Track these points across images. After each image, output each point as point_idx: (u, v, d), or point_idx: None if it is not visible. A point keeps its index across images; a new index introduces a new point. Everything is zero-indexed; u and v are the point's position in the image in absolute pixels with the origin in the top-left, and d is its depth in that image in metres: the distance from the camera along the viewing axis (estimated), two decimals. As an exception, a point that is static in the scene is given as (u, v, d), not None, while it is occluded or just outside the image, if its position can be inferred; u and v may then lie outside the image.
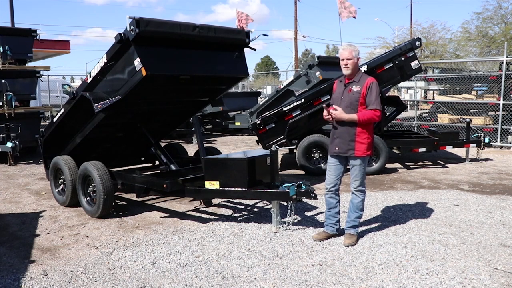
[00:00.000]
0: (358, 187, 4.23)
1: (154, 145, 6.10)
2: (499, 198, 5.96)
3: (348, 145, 4.14)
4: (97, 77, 5.04)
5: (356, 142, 4.11)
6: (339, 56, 4.20)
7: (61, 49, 17.75)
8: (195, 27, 4.73)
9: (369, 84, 4.09)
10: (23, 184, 7.28)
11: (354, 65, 4.11)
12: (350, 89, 4.13)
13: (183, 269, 3.76)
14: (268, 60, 70.74)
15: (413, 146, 8.20)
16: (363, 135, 4.11)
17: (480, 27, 24.35)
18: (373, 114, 4.07)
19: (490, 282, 3.41)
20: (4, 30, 9.98)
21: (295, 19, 33.69)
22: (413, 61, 7.55)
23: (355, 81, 4.14)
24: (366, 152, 4.15)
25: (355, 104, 4.09)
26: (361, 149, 4.12)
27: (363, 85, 4.08)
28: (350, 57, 4.09)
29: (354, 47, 4.16)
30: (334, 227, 4.37)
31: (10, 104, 9.07)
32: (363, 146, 4.12)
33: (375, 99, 4.06)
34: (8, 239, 4.59)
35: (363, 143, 4.12)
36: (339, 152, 4.20)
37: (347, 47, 4.16)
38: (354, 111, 4.09)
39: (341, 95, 4.18)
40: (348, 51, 4.11)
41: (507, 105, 10.61)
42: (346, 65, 4.12)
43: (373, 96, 4.06)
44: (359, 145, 4.11)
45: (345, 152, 4.17)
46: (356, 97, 4.09)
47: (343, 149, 4.17)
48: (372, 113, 4.07)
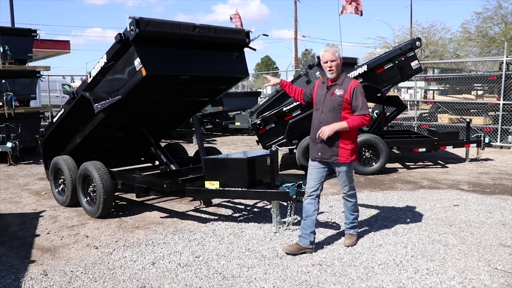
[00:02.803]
0: (348, 192, 4.13)
1: (154, 145, 6.10)
2: (499, 198, 5.96)
3: (331, 151, 3.94)
4: (97, 77, 5.04)
5: (339, 148, 3.93)
6: (321, 58, 3.98)
7: (61, 49, 17.75)
8: (195, 27, 4.73)
9: (353, 88, 3.88)
10: (23, 184, 7.28)
11: (338, 67, 3.93)
12: (333, 93, 3.93)
13: (183, 269, 3.76)
14: (268, 60, 70.77)
15: (413, 146, 8.20)
16: (347, 140, 3.94)
17: (480, 27, 24.38)
18: (362, 120, 3.89)
19: (490, 282, 3.41)
20: (4, 30, 9.98)
21: (295, 19, 33.70)
22: (413, 61, 7.56)
23: (338, 84, 3.94)
24: (350, 158, 3.96)
25: (338, 108, 3.90)
26: (344, 155, 3.94)
27: (347, 89, 3.88)
28: (334, 59, 3.89)
29: (336, 47, 3.96)
30: (308, 239, 3.99)
31: (10, 104, 9.07)
32: (347, 151, 3.95)
33: (362, 103, 3.87)
34: (8, 239, 4.59)
35: (347, 149, 3.94)
36: (322, 158, 4.00)
37: (329, 48, 3.94)
38: (337, 115, 3.89)
39: (324, 98, 3.98)
40: (331, 53, 3.90)
41: (507, 105, 10.60)
42: (331, 67, 3.91)
43: (359, 100, 3.87)
44: (342, 151, 3.93)
45: (329, 158, 3.97)
46: (338, 101, 3.89)
47: (326, 155, 3.97)
48: (361, 118, 3.88)
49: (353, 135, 4.01)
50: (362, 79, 7.47)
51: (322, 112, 3.98)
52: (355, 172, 7.69)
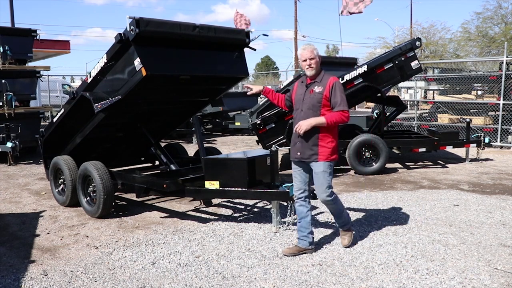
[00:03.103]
0: (327, 197, 3.89)
1: (154, 145, 6.10)
2: (499, 198, 5.96)
3: (310, 150, 3.84)
4: (97, 77, 5.04)
5: (319, 147, 3.82)
6: (299, 57, 3.94)
7: (61, 49, 17.75)
8: (195, 27, 4.73)
9: (332, 84, 3.82)
10: (23, 184, 7.28)
11: (317, 65, 3.88)
12: (312, 90, 3.87)
13: (183, 269, 3.76)
14: (268, 60, 70.75)
15: (413, 146, 8.20)
16: (327, 138, 3.83)
17: (480, 27, 24.40)
18: (341, 116, 3.79)
19: (490, 282, 3.41)
20: (4, 30, 9.98)
21: (295, 19, 33.70)
22: (413, 61, 7.56)
23: (317, 82, 3.89)
24: (330, 157, 3.84)
25: (317, 106, 3.82)
26: (324, 154, 3.82)
27: (325, 86, 3.82)
28: (313, 57, 3.85)
29: (313, 46, 3.92)
30: (306, 240, 3.98)
31: (10, 104, 9.07)
32: (327, 150, 3.83)
33: (341, 99, 3.80)
34: (8, 239, 4.59)
35: (327, 147, 3.83)
36: (301, 158, 3.90)
37: (307, 46, 3.91)
38: (317, 113, 3.81)
39: (303, 97, 3.91)
40: (309, 51, 3.86)
41: (507, 105, 10.60)
42: (310, 65, 3.85)
43: (338, 96, 3.80)
44: (322, 149, 3.82)
45: (308, 158, 3.86)
46: (318, 98, 3.83)
47: (305, 155, 3.87)
48: (339, 114, 3.79)
49: (334, 133, 3.90)
50: (362, 79, 7.47)
51: (301, 110, 3.91)
52: (355, 172, 7.70)
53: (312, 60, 3.85)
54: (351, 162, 7.60)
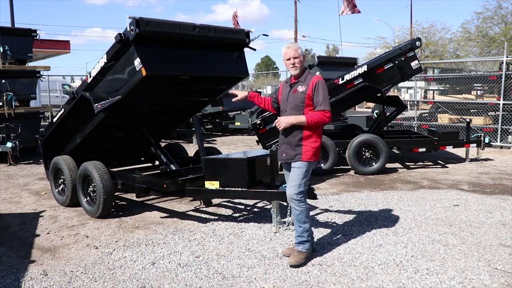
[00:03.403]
0: (294, 195, 3.76)
1: (154, 145, 6.10)
2: (499, 198, 5.96)
3: (294, 150, 3.78)
4: (97, 77, 5.04)
5: (303, 146, 3.76)
6: (283, 56, 3.87)
7: (61, 49, 17.75)
8: (195, 27, 4.73)
9: (315, 83, 3.74)
10: (23, 184, 7.28)
11: (301, 64, 3.81)
12: (296, 90, 3.81)
13: (183, 269, 3.76)
14: (268, 60, 70.77)
15: (413, 146, 8.20)
16: (311, 138, 3.76)
17: (480, 27, 24.41)
18: (322, 116, 3.71)
19: (490, 282, 3.41)
20: (4, 30, 9.97)
21: (295, 19, 33.70)
22: (413, 61, 7.56)
23: (301, 81, 3.82)
24: (312, 158, 3.76)
25: (300, 105, 3.76)
26: (308, 154, 3.75)
27: (309, 85, 3.75)
28: (297, 55, 3.78)
29: (298, 44, 3.87)
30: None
31: (10, 104, 9.07)
32: (310, 150, 3.75)
33: (323, 99, 3.72)
34: (8, 239, 4.59)
35: (311, 147, 3.76)
36: (287, 159, 3.84)
37: (291, 45, 3.84)
38: (300, 113, 3.76)
39: (287, 97, 3.86)
40: (293, 49, 3.79)
41: (507, 105, 10.60)
42: (294, 64, 3.79)
43: (320, 96, 3.72)
44: (306, 149, 3.75)
45: (293, 158, 3.79)
46: (301, 98, 3.76)
47: (290, 155, 3.80)
48: (321, 114, 3.71)
49: (318, 133, 3.82)
50: (362, 79, 7.47)
51: (286, 111, 3.86)
52: (355, 172, 7.70)
53: (296, 59, 3.79)
54: (351, 162, 7.61)
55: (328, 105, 3.74)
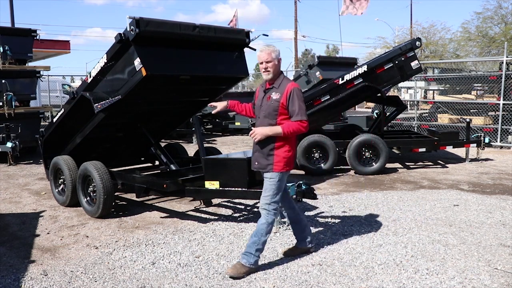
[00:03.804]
0: (265, 205, 3.60)
1: (154, 145, 6.10)
2: (499, 198, 5.96)
3: (266, 160, 3.60)
4: (97, 77, 5.04)
5: (274, 156, 3.57)
6: (257, 59, 3.68)
7: (61, 49, 17.75)
8: (195, 27, 4.73)
9: (290, 91, 3.53)
10: (23, 184, 7.28)
11: (274, 68, 3.59)
12: (269, 97, 3.61)
13: (183, 269, 3.76)
14: (268, 60, 70.62)
15: (413, 146, 8.20)
16: (283, 148, 3.58)
17: (480, 27, 24.42)
18: (299, 126, 3.53)
19: (490, 282, 3.41)
20: (4, 30, 9.98)
21: (295, 19, 33.71)
22: (413, 61, 7.56)
23: (275, 87, 3.60)
24: (285, 168, 3.58)
25: (273, 114, 3.57)
26: (279, 164, 3.57)
27: (283, 93, 3.54)
28: (270, 59, 3.57)
29: (273, 47, 3.61)
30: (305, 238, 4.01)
31: (10, 104, 9.07)
32: (282, 161, 3.57)
33: (299, 108, 3.53)
34: (8, 239, 4.59)
35: (283, 157, 3.58)
36: (259, 168, 3.67)
37: (265, 48, 3.61)
38: (273, 121, 3.57)
39: (261, 103, 3.68)
40: (266, 53, 3.58)
41: (507, 105, 10.61)
42: (266, 68, 3.59)
43: (296, 105, 3.52)
44: (278, 159, 3.57)
45: (265, 168, 3.61)
46: (274, 106, 3.56)
47: (262, 164, 3.63)
48: (297, 124, 3.53)
49: (291, 142, 3.65)
50: (362, 79, 7.48)
51: (259, 118, 3.69)
52: (355, 172, 7.70)
53: (268, 63, 3.58)
54: (351, 162, 7.61)
55: (304, 114, 3.56)
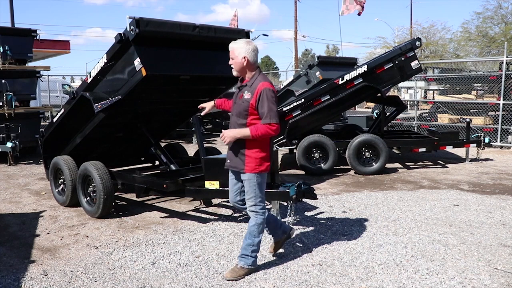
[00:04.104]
0: (251, 206, 3.56)
1: (154, 145, 6.10)
2: (499, 198, 5.96)
3: (239, 159, 3.53)
4: (97, 77, 5.04)
5: (246, 156, 3.49)
6: None
7: (61, 49, 17.73)
8: (195, 27, 4.73)
9: (259, 92, 3.39)
10: (23, 184, 7.28)
11: (239, 66, 3.49)
12: (242, 95, 3.51)
13: (183, 269, 3.76)
14: (268, 60, 70.74)
15: (413, 146, 8.20)
16: (254, 149, 3.49)
17: (480, 27, 24.44)
18: (267, 129, 3.39)
19: (490, 282, 3.41)
20: (4, 30, 9.97)
21: (295, 19, 33.72)
22: (413, 61, 7.55)
23: (248, 86, 3.49)
24: (257, 168, 3.49)
25: (243, 113, 3.48)
26: (251, 165, 3.49)
27: (254, 93, 3.42)
28: (233, 57, 3.49)
29: (240, 44, 3.48)
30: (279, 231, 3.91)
31: (10, 104, 9.06)
32: (254, 161, 3.48)
33: (268, 110, 3.37)
34: (8, 239, 4.59)
35: (255, 158, 3.48)
36: (231, 166, 3.62)
37: (232, 44, 3.52)
38: (243, 121, 3.49)
39: (235, 100, 3.60)
40: (231, 49, 3.51)
41: (507, 105, 10.60)
42: (231, 65, 3.53)
43: (265, 107, 3.38)
44: (249, 159, 3.48)
45: (235, 167, 3.57)
46: (244, 106, 3.46)
47: (234, 163, 3.58)
48: (266, 128, 3.39)
49: (263, 143, 3.53)
50: (362, 79, 7.48)
51: (232, 115, 3.63)
52: (355, 172, 7.70)
53: (232, 60, 3.51)
54: (351, 162, 7.61)
55: (274, 117, 3.40)
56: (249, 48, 3.47)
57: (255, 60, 3.51)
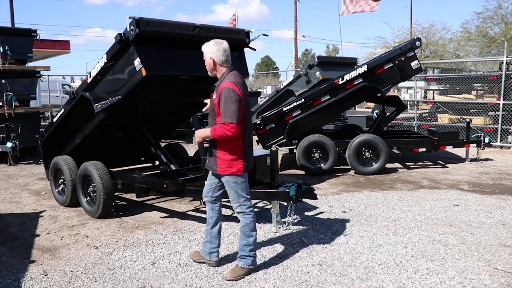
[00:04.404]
0: (236, 208, 3.59)
1: (154, 145, 6.10)
2: (499, 198, 5.96)
3: (212, 160, 3.55)
4: (97, 77, 5.04)
5: (217, 158, 3.51)
6: None
7: (61, 49, 17.73)
8: (195, 27, 4.74)
9: (220, 91, 3.37)
10: (23, 184, 7.28)
11: (208, 67, 3.55)
12: (212, 94, 3.56)
13: (183, 269, 3.76)
14: (268, 60, 70.79)
15: (413, 146, 8.20)
16: (223, 150, 3.48)
17: (480, 27, 24.44)
18: (222, 129, 3.33)
19: (490, 282, 3.41)
20: (4, 30, 9.98)
21: (295, 19, 33.70)
22: (413, 61, 7.56)
23: (216, 86, 3.51)
24: (228, 170, 3.47)
25: (213, 114, 3.53)
26: (222, 167, 3.49)
27: (217, 92, 3.43)
28: (204, 58, 3.54)
29: (209, 45, 3.52)
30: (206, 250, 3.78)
31: (10, 104, 9.07)
32: (224, 162, 3.48)
33: (224, 110, 3.33)
34: (8, 239, 4.59)
35: (224, 160, 3.48)
36: (207, 166, 3.67)
37: (203, 46, 3.56)
38: (214, 120, 3.52)
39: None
40: (202, 51, 3.56)
41: (507, 105, 10.60)
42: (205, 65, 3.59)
43: (222, 106, 3.34)
44: (219, 160, 3.50)
45: (210, 167, 3.61)
46: (212, 106, 3.52)
47: (209, 163, 3.62)
48: (221, 127, 3.34)
49: (234, 145, 3.47)
50: (362, 79, 7.48)
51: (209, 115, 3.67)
52: (355, 172, 7.70)
53: (205, 61, 3.57)
54: (351, 162, 7.61)
55: (230, 116, 3.31)
56: (215, 49, 3.49)
57: (222, 60, 3.51)
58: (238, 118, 3.34)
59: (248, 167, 3.59)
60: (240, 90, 3.42)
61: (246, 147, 3.56)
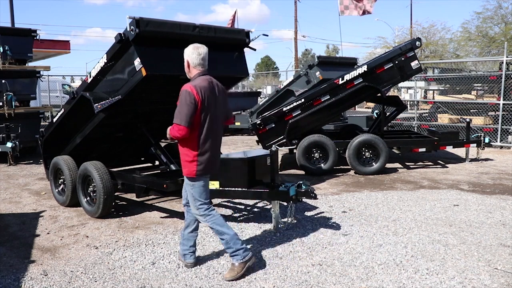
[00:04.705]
0: (194, 212, 3.64)
1: (154, 145, 6.10)
2: (499, 198, 5.96)
3: (182, 162, 3.59)
4: (97, 77, 5.04)
5: (182, 161, 3.56)
6: None
7: (61, 49, 17.73)
8: (195, 27, 4.73)
9: (180, 92, 3.47)
10: (23, 184, 7.28)
11: (185, 69, 3.65)
12: None
13: (183, 269, 3.76)
14: (268, 60, 70.80)
15: (413, 146, 8.20)
16: (182, 152, 3.54)
17: (480, 27, 24.45)
18: (173, 130, 3.41)
19: (490, 282, 3.41)
20: (4, 30, 9.98)
21: (295, 19, 33.69)
22: (413, 61, 7.56)
23: None
24: (189, 173, 3.51)
25: None
26: (184, 168, 3.55)
27: None
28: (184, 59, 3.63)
29: (188, 48, 3.61)
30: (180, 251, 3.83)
31: (10, 104, 9.07)
32: (187, 165, 3.51)
33: (178, 111, 3.39)
34: (8, 239, 4.59)
35: (183, 161, 3.53)
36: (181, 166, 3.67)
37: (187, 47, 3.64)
38: None
39: None
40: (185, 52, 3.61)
41: (507, 105, 10.60)
42: None
43: (177, 107, 3.42)
44: (184, 163, 3.54)
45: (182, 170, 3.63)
46: None
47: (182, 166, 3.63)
48: (173, 128, 3.42)
49: (189, 148, 3.49)
50: (362, 79, 7.48)
51: None
52: (355, 172, 7.70)
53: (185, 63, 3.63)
54: (351, 162, 7.61)
55: (181, 118, 3.36)
56: (191, 52, 3.57)
57: (196, 63, 3.57)
58: (188, 121, 3.37)
59: (205, 171, 3.55)
60: (199, 94, 3.42)
61: (206, 151, 3.52)
